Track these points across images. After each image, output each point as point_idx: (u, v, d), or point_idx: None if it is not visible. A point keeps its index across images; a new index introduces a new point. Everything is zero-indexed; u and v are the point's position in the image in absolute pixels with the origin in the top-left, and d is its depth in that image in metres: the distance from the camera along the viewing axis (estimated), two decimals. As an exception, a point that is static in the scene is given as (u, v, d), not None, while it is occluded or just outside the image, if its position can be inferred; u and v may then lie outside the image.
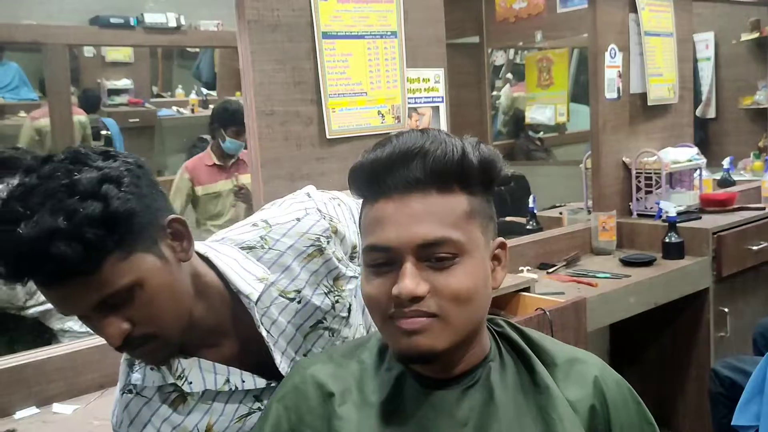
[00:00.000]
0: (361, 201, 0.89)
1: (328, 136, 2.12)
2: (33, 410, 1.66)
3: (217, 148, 3.19)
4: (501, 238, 0.90)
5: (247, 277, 1.04)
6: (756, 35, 4.50)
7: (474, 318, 0.86)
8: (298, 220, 1.10)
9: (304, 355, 1.11)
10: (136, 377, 1.06)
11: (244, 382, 1.07)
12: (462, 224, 0.83)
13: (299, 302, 1.09)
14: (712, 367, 2.38)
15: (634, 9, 3.01)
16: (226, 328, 1.07)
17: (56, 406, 1.67)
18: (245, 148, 2.84)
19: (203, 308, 1.02)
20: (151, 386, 1.06)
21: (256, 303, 1.05)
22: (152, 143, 4.41)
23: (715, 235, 2.74)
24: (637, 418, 0.95)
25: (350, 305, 1.15)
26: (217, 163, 3.19)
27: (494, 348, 0.94)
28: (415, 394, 0.89)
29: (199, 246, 1.05)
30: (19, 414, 1.65)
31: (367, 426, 0.88)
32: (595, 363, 0.96)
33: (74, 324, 2.13)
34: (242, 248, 1.08)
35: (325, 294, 1.11)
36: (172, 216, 0.95)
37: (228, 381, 1.06)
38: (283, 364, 1.09)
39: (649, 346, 2.93)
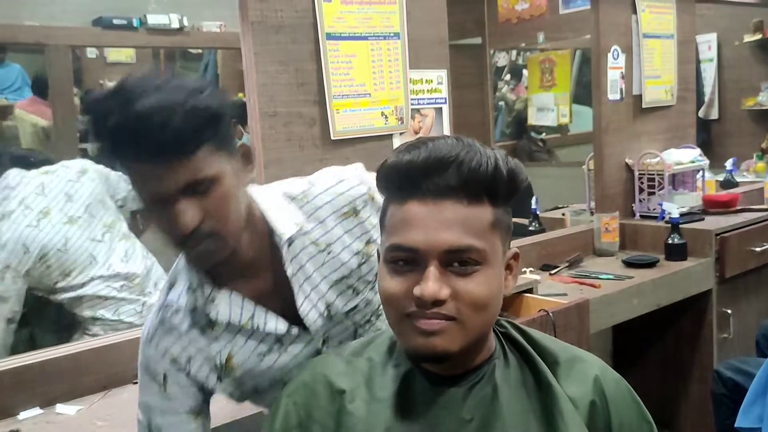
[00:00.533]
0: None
1: (332, 137, 2.12)
2: (36, 411, 1.67)
3: None
4: (515, 249, 0.95)
5: (284, 218, 1.11)
6: (759, 37, 4.50)
7: (487, 323, 0.91)
8: (340, 181, 1.18)
9: (327, 307, 1.16)
10: (172, 297, 1.13)
11: (266, 323, 1.13)
12: (486, 234, 0.86)
13: (328, 254, 1.15)
14: (715, 369, 2.38)
15: (636, 10, 3.01)
16: (261, 265, 1.13)
17: (60, 407, 1.68)
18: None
19: (247, 238, 1.08)
20: (184, 308, 1.13)
21: (288, 245, 1.11)
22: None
23: (718, 237, 2.73)
24: (636, 417, 0.97)
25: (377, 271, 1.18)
26: None
27: (498, 347, 0.97)
28: (424, 390, 0.92)
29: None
30: (23, 414, 1.65)
31: (376, 422, 0.91)
32: (595, 362, 0.99)
33: (106, 312, 2.11)
34: (285, 196, 1.16)
35: (354, 254, 1.17)
36: (240, 142, 1.07)
37: (252, 318, 1.12)
38: (304, 306, 1.14)
39: (652, 347, 2.93)
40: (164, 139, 0.91)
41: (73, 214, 2.10)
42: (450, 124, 2.44)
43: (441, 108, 2.41)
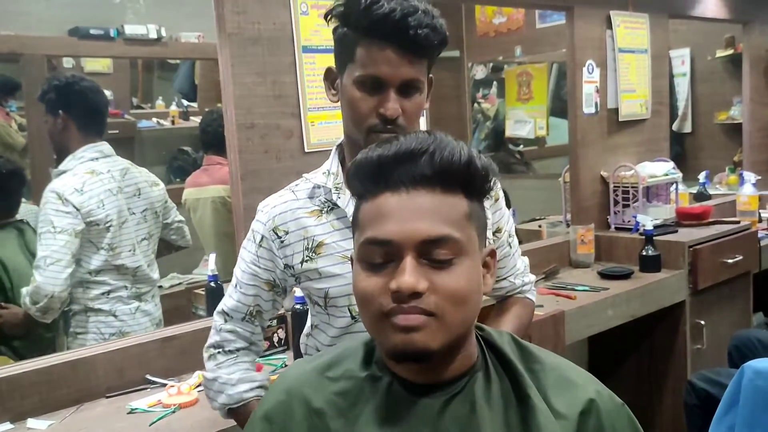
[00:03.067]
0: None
1: (306, 150, 2.12)
2: (7, 426, 1.64)
3: None
4: (492, 246, 0.95)
5: None
6: (731, 52, 4.58)
7: (467, 319, 0.87)
8: None
9: None
10: (310, 174, 1.29)
11: None
12: (463, 225, 0.85)
13: None
14: (688, 380, 2.41)
15: (611, 25, 3.06)
16: None
17: (31, 422, 1.65)
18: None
19: None
20: (314, 182, 1.27)
21: None
22: (132, 155, 4.36)
23: (691, 249, 2.77)
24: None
25: None
26: None
27: (480, 357, 0.93)
28: (402, 402, 0.89)
29: None
30: (-7, 430, 1.62)
31: None
32: (589, 386, 0.93)
33: (104, 305, 2.20)
34: None
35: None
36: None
37: None
38: None
39: (627, 358, 2.96)
40: (420, 34, 1.11)
41: (134, 208, 2.30)
42: (427, 137, 2.45)
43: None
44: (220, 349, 1.34)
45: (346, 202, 1.23)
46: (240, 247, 1.31)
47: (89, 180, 2.16)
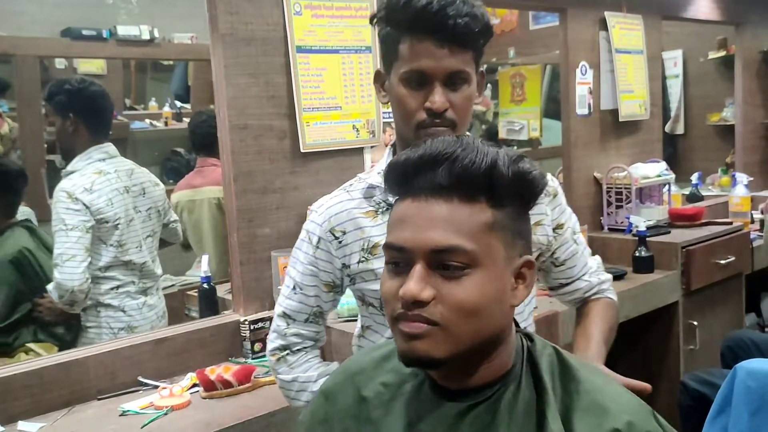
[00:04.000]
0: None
1: (302, 150, 2.12)
2: (-3, 428, 1.63)
3: None
4: (529, 257, 0.88)
5: None
6: (723, 53, 4.60)
7: (481, 332, 0.84)
8: None
9: None
10: (365, 175, 1.28)
11: None
12: (480, 236, 0.83)
13: None
14: (682, 380, 2.41)
15: (604, 27, 3.07)
16: None
17: (21, 424, 1.64)
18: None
19: None
20: (369, 182, 1.25)
21: None
22: (125, 156, 4.36)
23: (684, 250, 2.78)
24: None
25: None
26: None
27: (518, 368, 0.89)
28: (427, 402, 0.90)
29: None
30: (-17, 432, 1.61)
31: None
32: (622, 414, 0.84)
33: (114, 300, 2.29)
34: None
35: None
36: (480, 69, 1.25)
37: None
38: None
39: (620, 359, 2.96)
40: (460, 23, 1.10)
41: (140, 206, 2.39)
42: (421, 138, 2.45)
43: (412, 121, 2.42)
44: (288, 351, 1.33)
45: None
46: (233, 248, 1.33)
47: (98, 180, 2.24)
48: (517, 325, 0.94)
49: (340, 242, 1.24)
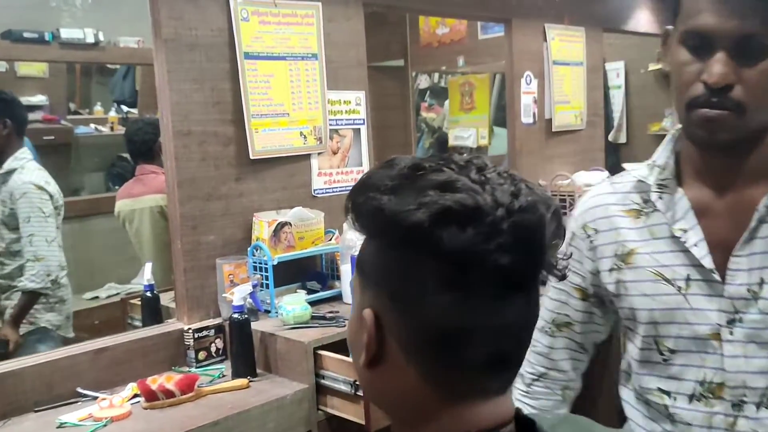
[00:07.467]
0: None
1: (251, 157, 2.11)
2: (-74, 444, 1.57)
3: None
4: None
5: None
6: (662, 65, 4.76)
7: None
8: None
9: (760, 283, 0.96)
10: (632, 165, 1.08)
11: (695, 246, 0.98)
12: None
13: None
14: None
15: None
16: (737, 184, 0.98)
17: (-48, 439, 1.58)
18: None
19: (757, 146, 0.96)
20: (629, 182, 1.06)
21: None
22: (68, 162, 4.26)
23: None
24: None
25: None
26: None
27: None
28: None
29: None
30: None
31: None
32: None
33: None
34: None
35: None
36: None
37: (685, 232, 0.99)
38: (739, 260, 0.97)
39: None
40: None
41: None
42: (369, 146, 2.47)
43: (359, 129, 2.44)
44: (521, 375, 1.14)
45: (669, 205, 1.01)
46: (177, 255, 1.27)
47: (46, 174, 2.59)
48: None
49: (591, 242, 1.07)
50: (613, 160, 4.68)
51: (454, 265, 0.57)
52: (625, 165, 1.16)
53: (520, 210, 0.58)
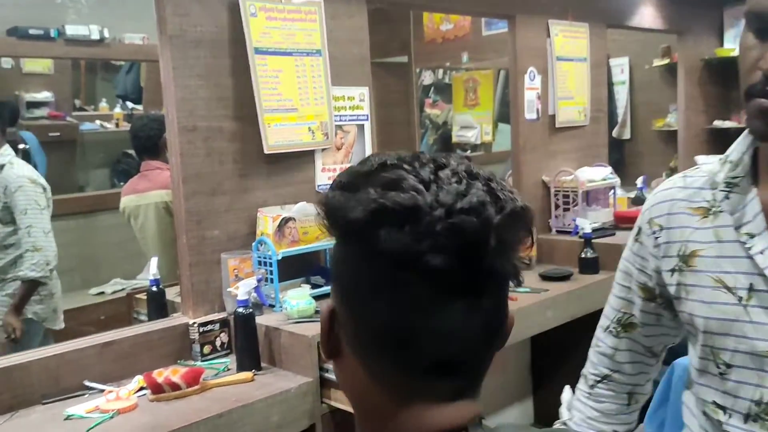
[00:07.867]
0: None
1: (266, 152, 2.12)
2: (-65, 435, 1.59)
3: None
4: None
5: None
6: (667, 61, 4.75)
7: None
8: None
9: None
10: (707, 159, 1.00)
11: (762, 252, 0.89)
12: None
13: None
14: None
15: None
16: None
17: (-39, 431, 1.60)
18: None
19: None
20: (701, 177, 0.98)
21: None
22: (74, 158, 4.28)
23: (628, 251, 2.85)
24: None
25: None
26: None
27: None
28: None
29: None
30: None
31: None
32: None
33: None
34: None
35: None
36: None
37: (752, 237, 0.90)
38: None
39: (567, 358, 3.02)
40: None
41: None
42: (372, 141, 2.48)
43: (363, 125, 2.45)
44: (584, 376, 1.12)
45: (738, 206, 0.92)
46: (182, 250, 1.27)
47: (33, 169, 2.73)
48: None
49: (656, 238, 1.01)
50: (617, 156, 4.68)
51: (392, 264, 0.56)
52: (697, 158, 1.13)
53: (460, 211, 0.55)
